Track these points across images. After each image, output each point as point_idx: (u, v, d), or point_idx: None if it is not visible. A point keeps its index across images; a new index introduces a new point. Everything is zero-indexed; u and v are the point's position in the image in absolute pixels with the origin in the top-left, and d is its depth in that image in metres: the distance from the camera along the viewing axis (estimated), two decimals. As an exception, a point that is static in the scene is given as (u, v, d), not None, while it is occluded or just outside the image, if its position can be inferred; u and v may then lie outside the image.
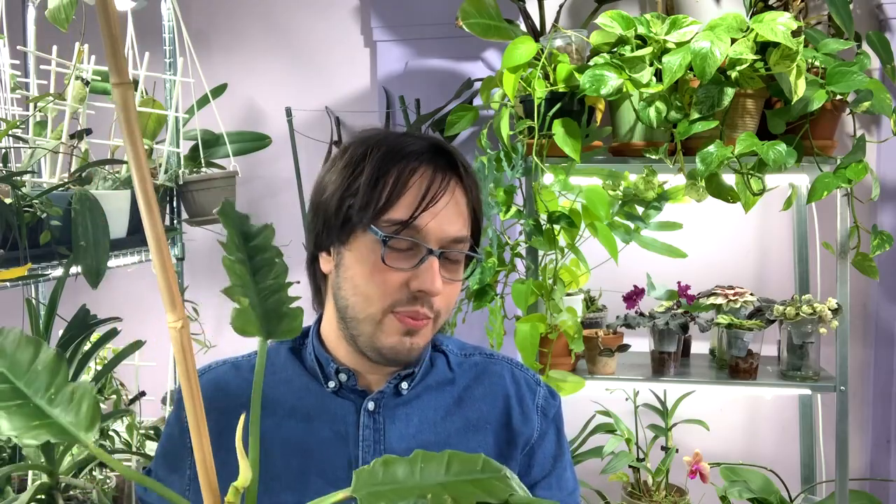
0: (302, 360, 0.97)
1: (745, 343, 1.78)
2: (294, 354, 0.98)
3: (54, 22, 1.59)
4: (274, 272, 0.62)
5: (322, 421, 0.92)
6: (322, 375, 0.94)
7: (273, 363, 0.97)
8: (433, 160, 0.89)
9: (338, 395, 0.94)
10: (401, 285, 0.87)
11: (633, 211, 1.79)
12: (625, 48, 1.66)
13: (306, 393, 0.94)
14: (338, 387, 0.94)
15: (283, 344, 0.99)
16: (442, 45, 2.27)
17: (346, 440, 0.91)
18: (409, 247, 0.87)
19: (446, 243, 0.88)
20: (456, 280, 0.91)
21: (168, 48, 1.95)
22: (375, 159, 0.88)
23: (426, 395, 0.96)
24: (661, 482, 1.94)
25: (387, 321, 0.88)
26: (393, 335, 0.88)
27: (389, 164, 0.88)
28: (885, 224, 2.03)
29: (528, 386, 1.01)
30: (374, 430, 0.92)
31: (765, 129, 1.68)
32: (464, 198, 0.91)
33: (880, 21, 2.04)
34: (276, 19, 2.49)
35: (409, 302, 0.87)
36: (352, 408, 0.93)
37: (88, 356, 1.55)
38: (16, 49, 1.83)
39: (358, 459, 0.91)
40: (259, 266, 0.62)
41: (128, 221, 1.69)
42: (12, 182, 1.40)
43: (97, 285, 1.49)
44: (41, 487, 1.46)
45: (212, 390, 0.94)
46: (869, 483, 2.11)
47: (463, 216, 0.90)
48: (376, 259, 0.86)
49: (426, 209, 0.86)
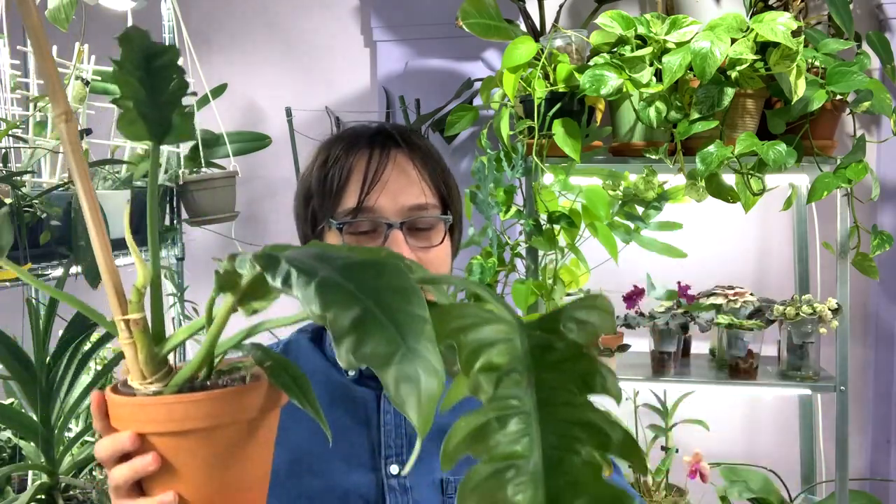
0: (323, 350, 1.00)
1: (745, 343, 1.78)
2: (315, 344, 1.00)
3: (54, 22, 1.59)
4: (172, 87, 0.59)
5: (344, 408, 0.95)
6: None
7: (297, 356, 1.00)
8: (371, 143, 0.92)
9: (358, 382, 0.96)
10: None
11: (633, 211, 1.79)
12: (625, 48, 1.66)
13: (328, 381, 0.97)
14: (357, 374, 0.96)
15: (304, 334, 1.02)
16: (442, 45, 2.27)
17: (369, 425, 0.94)
18: (370, 228, 0.90)
19: (406, 213, 0.90)
20: (431, 246, 0.92)
21: (168, 48, 1.95)
22: (320, 160, 0.94)
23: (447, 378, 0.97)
24: (661, 482, 1.94)
25: None
26: None
27: (333, 160, 0.92)
28: (885, 224, 2.03)
29: None
30: (394, 414, 0.95)
31: (765, 129, 1.68)
32: (412, 166, 0.92)
33: (880, 21, 2.04)
34: (276, 19, 2.49)
35: None
36: (372, 394, 0.96)
37: (88, 356, 1.55)
38: (16, 49, 1.83)
39: (380, 444, 0.93)
40: (157, 82, 0.59)
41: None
42: (12, 182, 1.40)
43: (97, 285, 1.49)
44: (41, 487, 1.46)
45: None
46: (869, 483, 2.11)
47: (416, 184, 0.92)
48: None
49: (372, 188, 0.89)
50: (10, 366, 1.41)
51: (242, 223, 2.27)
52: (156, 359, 0.60)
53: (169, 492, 0.60)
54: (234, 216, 1.99)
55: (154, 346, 0.60)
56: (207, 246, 2.47)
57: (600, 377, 0.43)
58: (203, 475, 0.60)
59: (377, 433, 0.94)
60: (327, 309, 0.44)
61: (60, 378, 1.48)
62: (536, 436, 0.39)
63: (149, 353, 0.60)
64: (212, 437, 0.59)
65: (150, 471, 0.60)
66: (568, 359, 0.44)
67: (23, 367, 1.42)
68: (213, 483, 0.60)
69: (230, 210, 1.97)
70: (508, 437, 0.40)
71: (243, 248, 0.98)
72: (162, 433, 0.59)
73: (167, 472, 0.60)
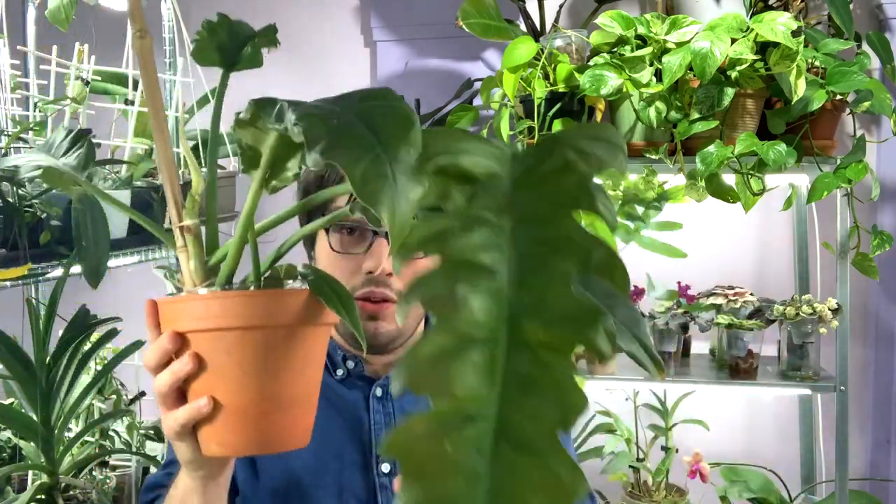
0: None
1: (745, 343, 1.78)
2: None
3: (54, 22, 1.59)
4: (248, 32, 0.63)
5: (335, 409, 0.96)
6: (331, 363, 0.98)
7: None
8: None
9: (346, 383, 0.98)
10: (354, 271, 0.90)
11: (633, 211, 1.79)
12: (625, 48, 1.66)
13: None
14: (346, 374, 0.98)
15: None
16: (442, 45, 2.27)
17: (360, 425, 0.96)
18: (356, 231, 0.91)
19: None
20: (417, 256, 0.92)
21: (168, 48, 1.95)
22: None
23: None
24: (661, 482, 1.94)
25: None
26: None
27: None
28: (885, 224, 2.03)
29: None
30: (384, 413, 0.96)
31: (765, 129, 1.68)
32: None
33: (880, 21, 2.04)
34: (276, 19, 2.48)
35: (365, 284, 0.90)
36: (360, 395, 0.97)
37: (88, 356, 1.55)
38: (16, 49, 1.83)
39: (371, 443, 0.95)
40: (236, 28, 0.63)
41: (128, 221, 1.68)
42: (12, 182, 1.40)
43: (97, 285, 1.49)
44: (41, 487, 1.46)
45: None
46: (869, 483, 2.11)
47: None
48: (329, 249, 0.92)
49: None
50: (10, 366, 1.41)
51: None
52: (205, 266, 0.63)
53: (204, 396, 0.60)
54: (234, 216, 1.98)
55: (205, 254, 0.63)
56: (207, 246, 2.48)
57: (588, 194, 0.39)
58: (239, 379, 0.60)
59: (368, 433, 0.95)
60: (305, 122, 0.43)
61: (60, 378, 1.48)
62: (508, 251, 0.35)
63: (199, 260, 0.62)
64: (247, 337, 0.60)
65: (186, 371, 0.61)
66: (552, 174, 0.40)
67: (23, 367, 1.42)
68: (248, 390, 0.60)
69: (230, 210, 1.97)
70: (472, 245, 0.36)
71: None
72: (199, 330, 0.60)
73: (205, 376, 0.61)
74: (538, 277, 0.35)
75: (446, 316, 0.33)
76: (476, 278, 0.35)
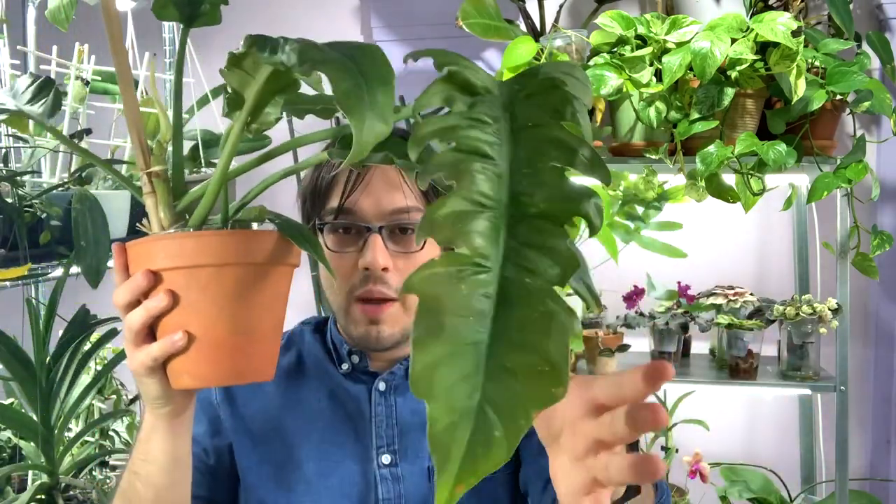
0: (324, 341, 1.04)
1: (745, 343, 1.78)
2: (317, 337, 1.04)
3: (54, 22, 1.59)
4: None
5: (339, 400, 0.98)
6: (336, 357, 1.00)
7: (300, 347, 1.04)
8: None
9: (350, 377, 0.99)
10: (352, 268, 0.91)
11: (633, 211, 1.79)
12: (625, 48, 1.65)
13: (325, 374, 1.01)
14: (350, 369, 0.99)
15: (307, 326, 1.06)
16: (442, 45, 2.26)
17: (361, 417, 0.97)
18: (351, 230, 0.92)
19: (387, 217, 0.91)
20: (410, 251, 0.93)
21: (168, 48, 1.95)
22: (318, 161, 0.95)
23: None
24: (661, 482, 1.94)
25: (353, 311, 0.93)
26: (360, 325, 0.93)
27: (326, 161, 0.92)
28: (885, 224, 2.03)
29: None
30: (385, 406, 0.97)
31: (765, 129, 1.68)
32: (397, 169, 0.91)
33: (880, 21, 2.04)
34: (276, 19, 2.49)
35: (363, 283, 0.91)
36: (364, 388, 0.98)
37: (88, 356, 1.55)
38: (16, 49, 1.83)
39: (373, 435, 0.96)
40: None
41: (128, 221, 1.68)
42: (12, 182, 1.40)
43: (97, 285, 1.48)
44: (41, 487, 1.46)
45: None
46: (869, 483, 2.11)
47: (398, 187, 0.92)
48: (327, 249, 0.92)
49: (354, 189, 0.90)
50: (10, 366, 1.41)
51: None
52: (173, 210, 0.65)
53: (179, 331, 0.62)
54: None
55: (172, 199, 0.65)
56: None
57: (570, 107, 0.48)
58: (213, 314, 0.63)
59: (369, 425, 0.97)
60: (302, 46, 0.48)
61: (60, 378, 1.48)
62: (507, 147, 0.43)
63: (167, 204, 0.64)
64: (221, 274, 0.62)
65: (162, 308, 0.63)
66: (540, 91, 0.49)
67: (23, 367, 1.42)
68: (222, 324, 0.63)
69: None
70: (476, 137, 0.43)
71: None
72: (174, 267, 0.62)
73: (178, 312, 0.63)
74: (535, 167, 0.43)
75: (461, 185, 0.41)
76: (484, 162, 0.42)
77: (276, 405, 0.99)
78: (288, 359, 1.03)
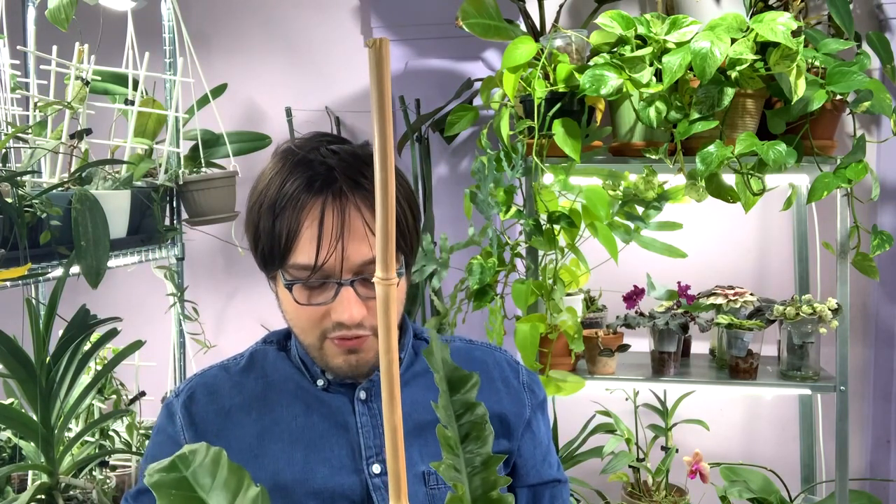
0: (291, 359, 0.99)
1: (745, 343, 1.78)
2: (282, 354, 1.00)
3: (54, 22, 1.59)
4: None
5: (319, 414, 0.95)
6: (309, 375, 0.97)
7: (263, 366, 0.99)
8: (322, 190, 0.87)
9: (328, 390, 0.96)
10: (323, 317, 0.89)
11: (633, 211, 1.79)
12: (625, 48, 1.66)
13: (299, 389, 0.97)
14: (326, 384, 0.96)
15: (269, 345, 1.02)
16: (442, 45, 2.27)
17: (347, 429, 0.94)
18: (320, 283, 0.88)
19: (356, 269, 0.88)
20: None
21: (168, 48, 1.95)
22: (267, 205, 0.89)
23: (415, 381, 0.99)
24: (661, 482, 1.94)
25: (326, 346, 0.91)
26: (336, 357, 0.91)
27: (279, 208, 0.88)
28: (885, 224, 2.03)
29: (510, 366, 1.04)
30: (369, 415, 0.95)
31: (765, 129, 1.68)
32: (361, 218, 0.87)
33: (880, 21, 2.04)
34: (276, 19, 2.49)
35: (336, 328, 0.89)
36: (345, 399, 0.95)
37: (88, 356, 1.55)
38: (16, 49, 1.83)
39: (360, 446, 0.93)
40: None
41: (128, 221, 1.68)
42: (12, 182, 1.40)
43: (97, 285, 1.49)
44: (41, 487, 1.46)
45: (205, 395, 0.97)
46: (869, 483, 2.11)
47: (365, 239, 0.87)
48: (295, 303, 0.89)
49: (321, 247, 0.86)
50: (10, 366, 1.41)
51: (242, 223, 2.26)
52: None
53: None
54: (234, 216, 1.98)
55: None
56: (207, 246, 2.47)
57: None
58: None
59: (356, 436, 0.94)
60: None
61: (60, 378, 1.48)
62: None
63: None
64: None
65: None
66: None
67: (23, 367, 1.42)
68: None
69: (230, 210, 1.97)
70: None
71: (243, 249, 0.97)
72: None
73: None
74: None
75: None
76: None
77: (251, 433, 0.94)
78: (254, 381, 0.98)
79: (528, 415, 1.00)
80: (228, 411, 0.95)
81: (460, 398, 0.61)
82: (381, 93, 0.45)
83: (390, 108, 0.46)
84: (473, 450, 0.60)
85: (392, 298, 0.51)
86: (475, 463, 0.60)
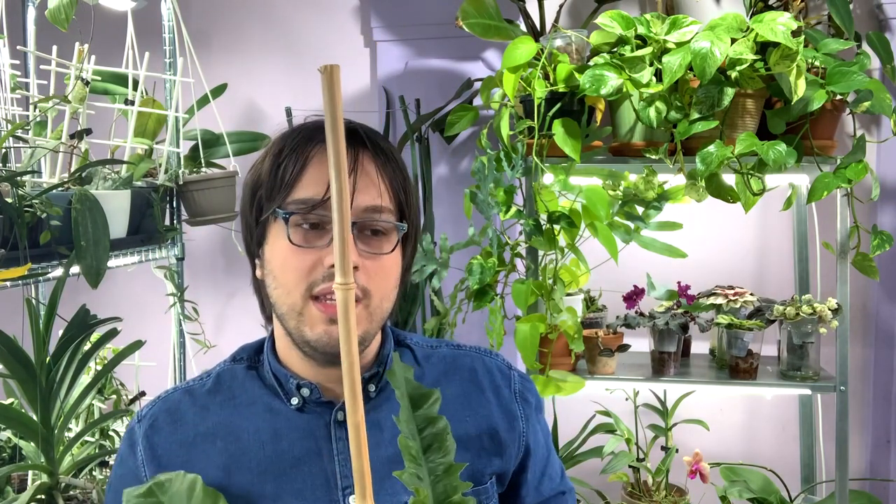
0: (262, 378, 0.92)
1: (745, 343, 1.78)
2: (252, 373, 0.93)
3: (54, 22, 1.59)
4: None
5: (291, 440, 0.87)
6: (283, 392, 0.90)
7: (231, 387, 0.92)
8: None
9: (303, 411, 0.89)
10: (314, 264, 0.82)
11: (633, 211, 1.79)
12: (625, 48, 1.66)
13: (270, 413, 0.89)
14: (301, 403, 0.89)
15: (239, 363, 0.95)
16: (442, 45, 2.27)
17: (320, 456, 0.87)
18: (318, 223, 0.83)
19: (359, 214, 0.84)
20: (379, 253, 0.85)
21: (168, 48, 1.95)
22: (275, 150, 0.87)
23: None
24: (661, 482, 1.94)
25: (308, 310, 0.83)
26: (317, 325, 0.83)
27: (289, 148, 0.86)
28: (885, 224, 2.03)
29: (501, 373, 0.98)
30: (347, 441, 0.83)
31: (765, 129, 1.68)
32: (375, 169, 0.86)
33: (880, 21, 2.04)
34: (276, 19, 2.49)
35: (325, 280, 0.82)
36: (320, 421, 0.88)
37: (88, 356, 1.55)
38: (16, 49, 1.83)
39: (336, 474, 0.87)
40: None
41: (128, 221, 1.68)
42: (12, 182, 1.40)
43: (97, 285, 1.49)
44: (41, 487, 1.46)
45: (168, 423, 0.90)
46: (869, 483, 2.11)
47: (376, 186, 0.85)
48: (287, 243, 0.83)
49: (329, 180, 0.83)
50: (10, 366, 1.41)
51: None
52: None
53: None
54: (234, 216, 1.98)
55: None
56: (207, 246, 2.47)
57: None
58: None
59: (331, 463, 0.87)
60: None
61: (60, 378, 1.48)
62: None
63: None
64: None
65: None
66: None
67: (23, 367, 1.42)
68: None
69: (230, 210, 1.97)
70: None
71: (242, 249, 0.96)
72: None
73: None
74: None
75: None
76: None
77: (217, 464, 0.86)
78: (220, 405, 0.90)
79: (521, 427, 0.95)
80: (192, 441, 0.88)
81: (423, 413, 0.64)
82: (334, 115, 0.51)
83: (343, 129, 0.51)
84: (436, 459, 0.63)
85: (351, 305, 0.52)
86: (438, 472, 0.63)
